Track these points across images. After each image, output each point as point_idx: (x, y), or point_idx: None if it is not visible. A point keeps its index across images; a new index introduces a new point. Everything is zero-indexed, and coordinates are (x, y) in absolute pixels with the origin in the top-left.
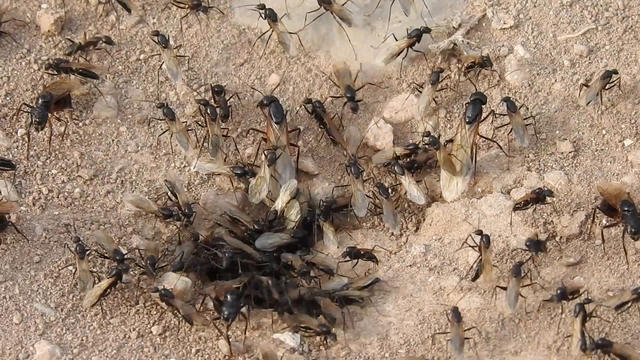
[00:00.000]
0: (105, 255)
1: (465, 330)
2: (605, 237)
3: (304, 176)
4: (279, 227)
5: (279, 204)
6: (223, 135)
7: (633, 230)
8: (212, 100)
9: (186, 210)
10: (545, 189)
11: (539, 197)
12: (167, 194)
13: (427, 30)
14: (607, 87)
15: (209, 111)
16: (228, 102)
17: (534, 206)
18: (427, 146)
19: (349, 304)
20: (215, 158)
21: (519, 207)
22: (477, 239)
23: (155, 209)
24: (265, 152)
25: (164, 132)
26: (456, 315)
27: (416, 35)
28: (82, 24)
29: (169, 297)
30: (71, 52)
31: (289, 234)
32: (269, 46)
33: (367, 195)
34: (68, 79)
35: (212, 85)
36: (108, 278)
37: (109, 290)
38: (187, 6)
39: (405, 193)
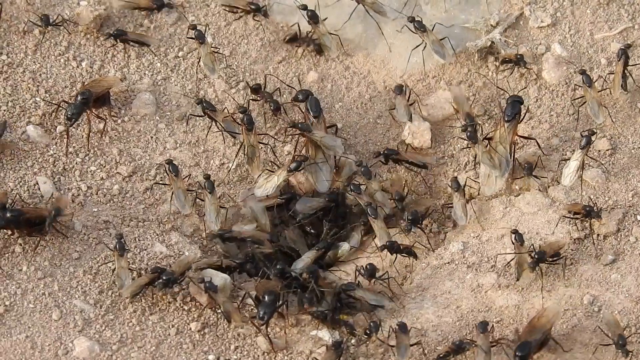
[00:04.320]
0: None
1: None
2: None
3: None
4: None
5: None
6: (260, 142)
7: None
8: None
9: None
10: (596, 209)
11: (588, 214)
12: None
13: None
14: (629, 65)
15: (245, 120)
16: (273, 94)
17: (582, 219)
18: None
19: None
20: (251, 168)
21: (567, 216)
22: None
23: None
24: (296, 158)
25: (209, 127)
26: (482, 326)
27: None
28: (120, 22)
29: (213, 291)
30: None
31: (324, 198)
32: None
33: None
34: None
35: (250, 85)
36: (151, 274)
37: (148, 285)
38: (242, 11)
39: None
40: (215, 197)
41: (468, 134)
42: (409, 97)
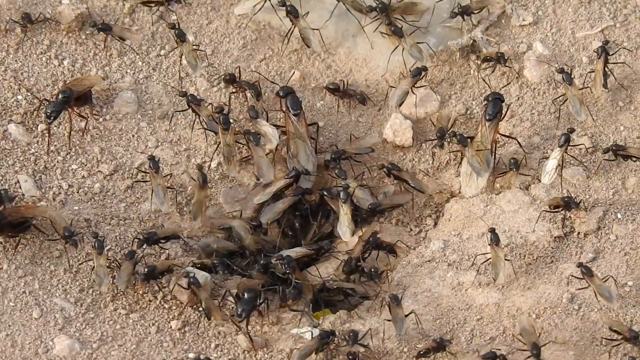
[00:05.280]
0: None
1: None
2: (623, 233)
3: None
4: None
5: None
6: (236, 142)
7: None
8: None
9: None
10: (573, 199)
11: (567, 205)
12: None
13: (425, 68)
14: (609, 62)
15: (221, 120)
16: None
17: (563, 212)
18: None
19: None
20: (227, 168)
21: (548, 210)
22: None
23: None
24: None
25: (194, 122)
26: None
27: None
28: (103, 20)
29: (197, 286)
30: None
31: (290, 196)
32: (290, 43)
33: None
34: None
35: (224, 75)
36: (128, 259)
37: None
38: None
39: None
40: (162, 177)
41: (458, 137)
42: (414, 84)
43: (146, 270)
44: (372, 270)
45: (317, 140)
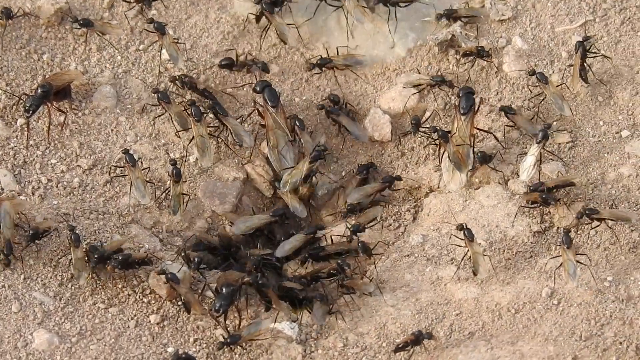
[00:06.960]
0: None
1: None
2: (602, 228)
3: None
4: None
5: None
6: (209, 134)
7: None
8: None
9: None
10: (552, 195)
11: (545, 200)
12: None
13: (450, 85)
14: (588, 56)
15: (193, 112)
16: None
17: (541, 207)
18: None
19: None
20: (201, 159)
21: (526, 205)
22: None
23: None
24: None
25: (159, 115)
26: None
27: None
28: (82, 15)
29: (175, 282)
30: None
31: (267, 214)
32: (269, 37)
33: None
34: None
35: (220, 61)
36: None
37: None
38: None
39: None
40: (140, 170)
41: (440, 132)
42: (429, 85)
43: (121, 258)
44: (340, 262)
45: (296, 133)
